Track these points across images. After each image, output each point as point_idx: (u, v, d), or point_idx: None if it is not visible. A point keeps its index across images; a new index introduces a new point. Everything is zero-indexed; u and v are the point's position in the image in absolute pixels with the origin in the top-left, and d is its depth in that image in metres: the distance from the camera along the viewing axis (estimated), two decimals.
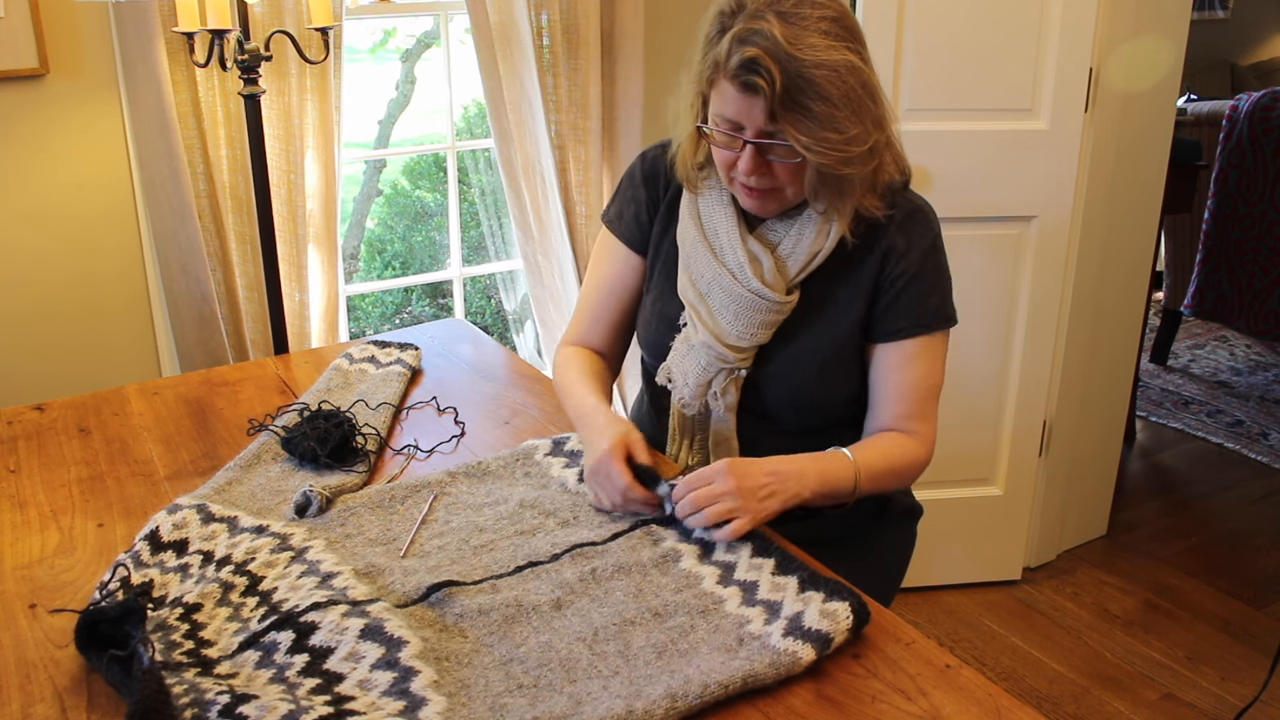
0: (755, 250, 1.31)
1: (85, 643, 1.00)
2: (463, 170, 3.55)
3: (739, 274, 1.30)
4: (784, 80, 1.13)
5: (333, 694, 0.94)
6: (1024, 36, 2.16)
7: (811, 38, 1.14)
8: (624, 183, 1.47)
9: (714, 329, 1.32)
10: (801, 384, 1.34)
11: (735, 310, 1.31)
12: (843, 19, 1.18)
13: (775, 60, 1.13)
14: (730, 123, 1.21)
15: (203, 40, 2.08)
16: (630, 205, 1.45)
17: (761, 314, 1.30)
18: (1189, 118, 3.73)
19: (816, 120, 1.15)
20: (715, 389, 1.35)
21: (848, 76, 1.15)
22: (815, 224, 1.30)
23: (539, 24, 2.48)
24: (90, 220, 2.22)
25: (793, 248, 1.30)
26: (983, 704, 0.95)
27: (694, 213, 1.36)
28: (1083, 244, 2.41)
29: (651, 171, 1.44)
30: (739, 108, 1.18)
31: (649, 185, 1.44)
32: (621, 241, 1.46)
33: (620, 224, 1.46)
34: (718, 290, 1.32)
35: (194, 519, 1.22)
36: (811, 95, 1.14)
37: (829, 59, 1.14)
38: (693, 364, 1.35)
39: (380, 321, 3.96)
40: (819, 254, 1.30)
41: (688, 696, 0.92)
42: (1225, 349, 4.12)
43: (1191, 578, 2.63)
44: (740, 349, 1.32)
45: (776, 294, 1.29)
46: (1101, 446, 2.73)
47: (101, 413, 1.58)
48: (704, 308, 1.34)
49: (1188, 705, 2.18)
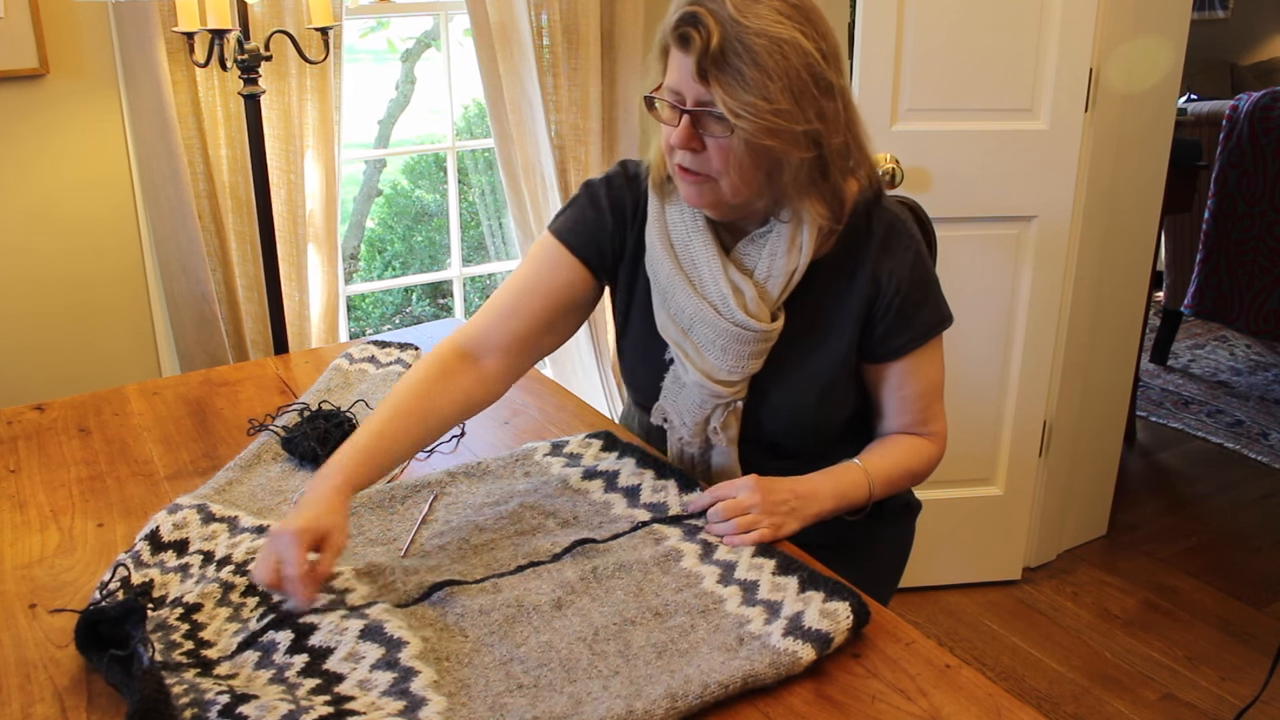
0: (737, 280, 1.25)
1: (85, 643, 1.00)
2: (463, 170, 3.55)
3: (722, 307, 1.24)
4: (720, 40, 1.10)
5: (332, 694, 0.94)
6: (1024, 36, 2.16)
7: (761, 9, 1.11)
8: (583, 199, 1.35)
9: (703, 367, 1.27)
10: (801, 413, 1.32)
11: (722, 345, 1.25)
12: (803, 6, 1.14)
13: (716, 20, 1.10)
14: (673, 93, 1.16)
15: (203, 40, 2.08)
16: (592, 223, 1.33)
17: (749, 345, 1.25)
18: (1189, 118, 3.73)
19: (747, 85, 1.10)
20: (714, 424, 1.31)
21: (790, 54, 1.11)
22: (785, 239, 1.24)
23: (539, 24, 2.48)
24: (90, 220, 2.22)
25: (769, 270, 1.25)
26: (983, 704, 0.95)
27: (666, 242, 1.28)
28: (1083, 244, 2.41)
29: (618, 200, 1.34)
30: (680, 72, 1.14)
31: (615, 214, 1.33)
32: (572, 252, 1.32)
33: (574, 235, 1.33)
34: (700, 325, 1.26)
35: (194, 519, 1.22)
36: (746, 60, 1.10)
37: (773, 31, 1.10)
38: (687, 403, 1.31)
39: (380, 321, 3.96)
40: (796, 271, 1.24)
41: (688, 696, 0.92)
42: (1225, 349, 4.12)
43: (1191, 578, 2.63)
44: (732, 383, 1.28)
45: (761, 323, 1.24)
46: (1101, 446, 2.73)
47: (101, 413, 1.58)
48: (689, 344, 1.28)
49: (1188, 705, 2.18)
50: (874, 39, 2.14)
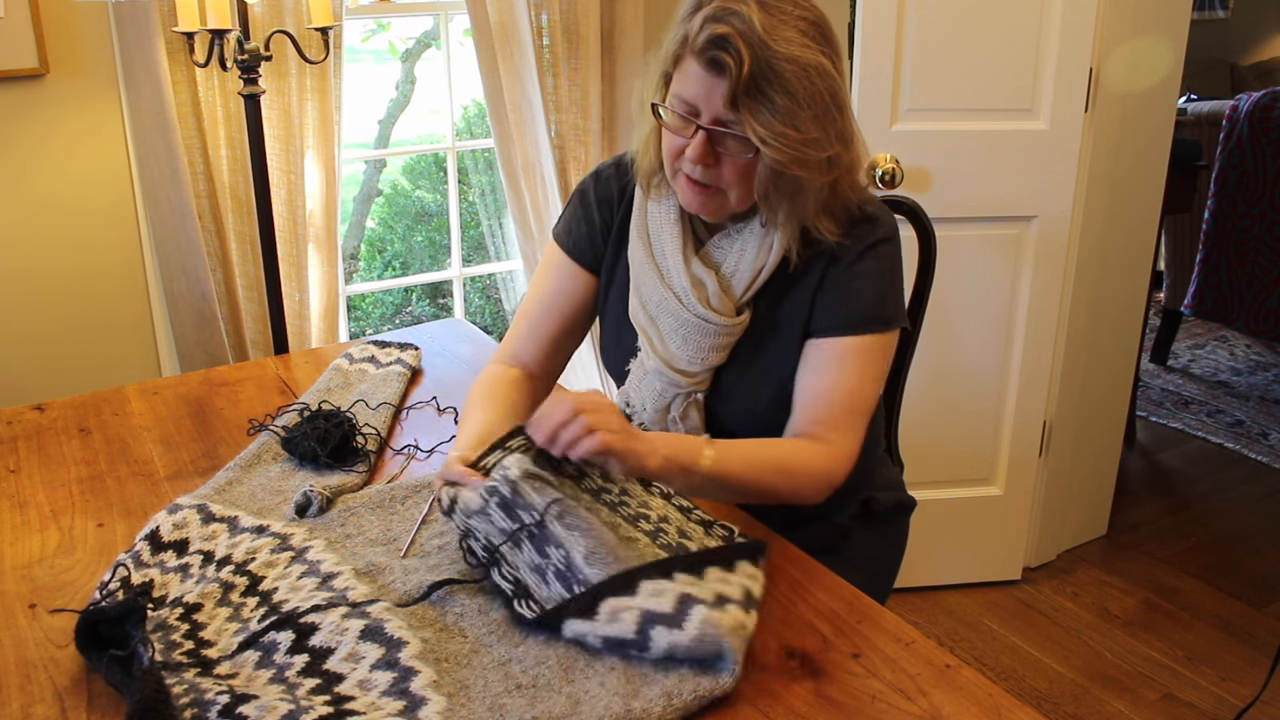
0: (699, 273, 1.26)
1: (85, 643, 1.00)
2: (463, 170, 3.55)
3: (684, 298, 1.26)
4: (752, 66, 1.09)
5: (332, 694, 0.94)
6: (1024, 36, 2.16)
7: (788, 32, 1.11)
8: (575, 200, 1.40)
9: (664, 354, 1.29)
10: (759, 406, 1.30)
11: (684, 334, 1.27)
12: (821, 25, 1.15)
13: (747, 44, 1.09)
14: (687, 105, 1.15)
15: (203, 40, 2.08)
16: (582, 224, 1.38)
17: (710, 338, 1.26)
18: (1189, 118, 3.73)
19: (778, 113, 1.11)
20: (674, 414, 1.32)
21: (817, 79, 1.12)
22: (757, 238, 1.24)
23: (539, 24, 2.49)
24: (90, 220, 2.22)
25: (735, 265, 1.25)
26: (983, 704, 0.95)
27: (643, 231, 1.31)
28: (1083, 244, 2.41)
29: (605, 194, 1.38)
30: (700, 88, 1.13)
31: (602, 208, 1.37)
32: (571, 258, 1.39)
33: (570, 240, 1.39)
34: (665, 314, 1.28)
35: (194, 519, 1.22)
36: (777, 87, 1.10)
37: (802, 56, 1.11)
38: (648, 390, 1.32)
39: (380, 321, 3.96)
40: (763, 270, 1.24)
41: (683, 694, 0.93)
42: (1225, 349, 4.12)
43: (1191, 578, 2.63)
44: (691, 374, 1.29)
45: (723, 317, 1.25)
46: (1101, 446, 2.73)
47: (101, 413, 1.58)
48: (654, 332, 1.30)
49: (1188, 705, 2.18)
50: (874, 39, 2.14)
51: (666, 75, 1.20)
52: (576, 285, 1.40)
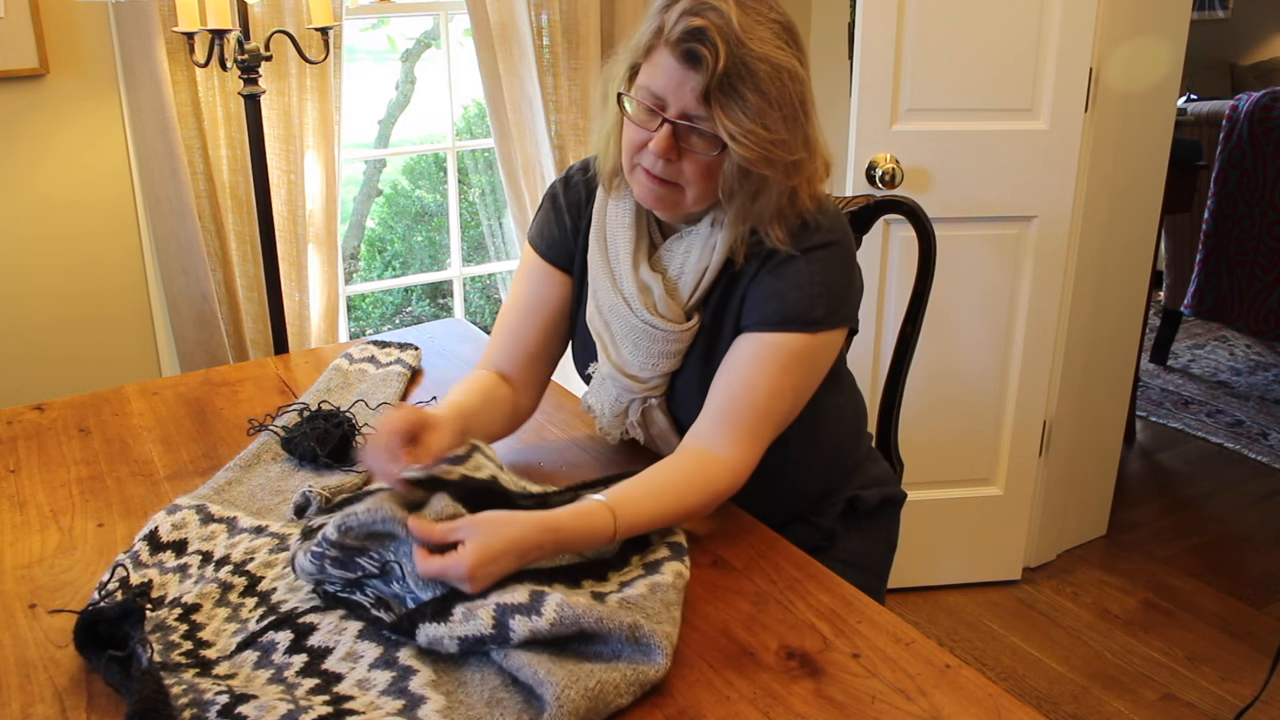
0: (646, 279, 1.25)
1: (84, 643, 1.00)
2: (463, 170, 3.55)
3: (632, 304, 1.25)
4: (727, 61, 1.09)
5: (331, 694, 0.94)
6: (1024, 36, 2.16)
7: (763, 31, 1.11)
8: (546, 203, 1.39)
9: (617, 360, 1.29)
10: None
11: (634, 340, 1.26)
12: (793, 29, 1.15)
13: (724, 39, 1.09)
14: (655, 97, 1.14)
15: (203, 40, 2.08)
16: (554, 228, 1.37)
17: (660, 344, 1.25)
18: (1189, 118, 3.73)
19: (749, 111, 1.10)
20: (632, 418, 1.32)
21: (788, 81, 1.12)
22: (702, 239, 1.23)
23: (539, 24, 2.49)
24: (90, 220, 2.22)
25: (681, 268, 1.24)
26: (983, 704, 0.95)
27: (600, 235, 1.30)
28: (1083, 244, 2.41)
29: (574, 197, 1.36)
30: (671, 80, 1.12)
31: (571, 211, 1.36)
32: (546, 260, 1.37)
33: (544, 243, 1.37)
34: (616, 319, 1.28)
35: (193, 519, 1.22)
36: (750, 85, 1.10)
37: (775, 57, 1.11)
38: (606, 395, 1.32)
39: (380, 321, 3.97)
40: (706, 271, 1.23)
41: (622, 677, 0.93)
42: (1225, 349, 4.12)
43: (1191, 578, 2.63)
44: (644, 380, 1.28)
45: (670, 323, 1.23)
46: (1101, 446, 2.73)
47: (101, 413, 1.58)
48: (608, 336, 1.29)
49: (1188, 705, 2.18)
50: (874, 39, 2.14)
51: (634, 67, 1.18)
52: (553, 289, 1.37)
